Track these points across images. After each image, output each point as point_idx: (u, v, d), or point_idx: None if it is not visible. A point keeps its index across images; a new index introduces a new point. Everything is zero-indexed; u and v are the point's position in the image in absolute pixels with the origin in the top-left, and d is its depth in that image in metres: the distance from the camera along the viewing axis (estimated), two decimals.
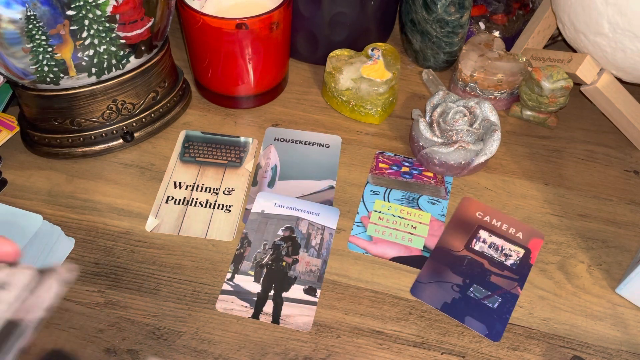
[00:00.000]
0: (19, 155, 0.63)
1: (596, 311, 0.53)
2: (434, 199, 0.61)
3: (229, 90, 0.67)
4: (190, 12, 0.60)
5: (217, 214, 0.58)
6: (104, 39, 0.54)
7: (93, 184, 0.60)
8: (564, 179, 0.64)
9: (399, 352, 0.49)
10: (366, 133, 0.68)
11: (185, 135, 0.66)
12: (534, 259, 0.57)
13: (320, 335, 0.50)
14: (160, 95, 0.64)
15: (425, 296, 0.53)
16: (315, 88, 0.73)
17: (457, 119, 0.61)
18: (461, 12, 0.68)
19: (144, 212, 0.58)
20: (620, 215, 0.61)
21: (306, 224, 0.58)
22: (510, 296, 0.53)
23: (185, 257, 0.55)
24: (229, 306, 0.51)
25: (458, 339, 0.51)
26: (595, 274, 0.56)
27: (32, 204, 0.58)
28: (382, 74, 0.66)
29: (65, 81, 0.56)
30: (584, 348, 0.51)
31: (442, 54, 0.73)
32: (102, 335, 0.49)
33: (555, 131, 0.70)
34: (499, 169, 0.65)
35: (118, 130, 0.62)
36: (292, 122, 0.68)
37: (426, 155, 0.62)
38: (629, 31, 0.58)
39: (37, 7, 0.49)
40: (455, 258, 0.56)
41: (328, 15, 0.70)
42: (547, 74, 0.64)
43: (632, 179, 0.65)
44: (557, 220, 0.60)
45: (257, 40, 0.62)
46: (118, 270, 0.54)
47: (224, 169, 0.63)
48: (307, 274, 0.54)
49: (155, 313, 0.51)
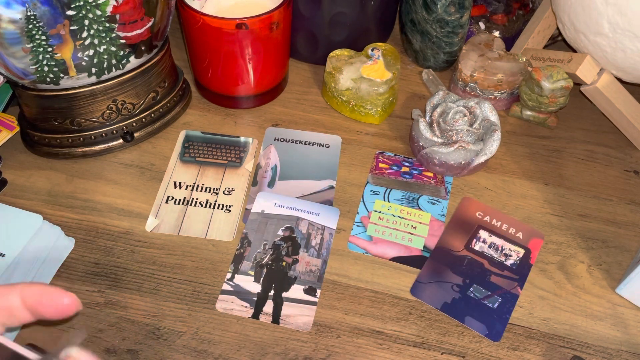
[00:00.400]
0: (19, 155, 0.63)
1: (596, 311, 0.53)
2: (434, 199, 0.61)
3: (229, 90, 0.67)
4: (190, 12, 0.60)
5: (217, 214, 0.58)
6: (104, 39, 0.54)
7: (93, 184, 0.60)
8: (564, 179, 0.64)
9: (399, 352, 0.49)
10: (366, 133, 0.68)
11: (185, 135, 0.66)
12: (534, 259, 0.57)
13: (320, 335, 0.50)
14: (160, 95, 0.64)
15: (425, 296, 0.53)
16: (315, 88, 0.73)
17: (457, 119, 0.61)
18: (461, 12, 0.68)
19: (144, 212, 0.58)
20: (620, 215, 0.61)
21: (306, 224, 0.58)
22: (510, 296, 0.53)
23: (185, 257, 0.55)
24: (229, 306, 0.51)
25: (458, 339, 0.51)
26: (595, 274, 0.56)
27: (32, 204, 0.58)
28: (382, 74, 0.66)
29: (65, 81, 0.56)
30: (584, 348, 0.51)
31: (442, 54, 0.73)
32: (102, 335, 0.49)
33: (555, 131, 0.70)
34: (499, 169, 0.65)
35: (118, 130, 0.62)
36: (292, 122, 0.68)
37: (426, 155, 0.62)
38: (629, 31, 0.58)
39: (37, 7, 0.49)
40: (455, 258, 0.56)
41: (328, 15, 0.70)
42: (547, 74, 0.64)
43: (632, 179, 0.65)
44: (557, 220, 0.60)
45: (257, 40, 0.62)
46: (118, 270, 0.54)
47: (224, 169, 0.63)
48: (307, 274, 0.54)
49: (155, 313, 0.51)
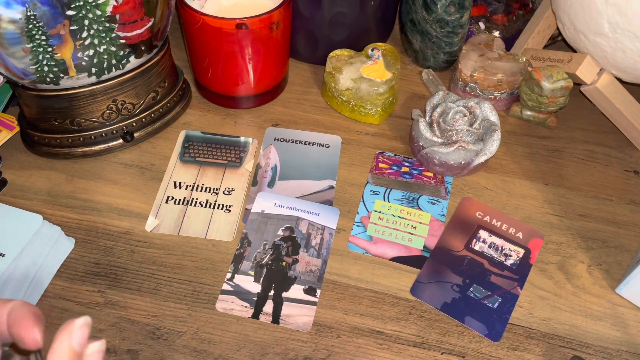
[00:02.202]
0: (19, 155, 0.63)
1: (596, 311, 0.53)
2: (434, 199, 0.61)
3: (229, 90, 0.67)
4: (190, 12, 0.60)
5: (217, 214, 0.58)
6: (104, 39, 0.54)
7: (93, 184, 0.60)
8: (564, 179, 0.64)
9: (399, 352, 0.49)
10: (366, 133, 0.68)
11: (185, 135, 0.66)
12: (534, 259, 0.57)
13: (320, 335, 0.50)
14: (160, 95, 0.64)
15: (425, 296, 0.53)
16: (315, 88, 0.73)
17: (457, 119, 0.61)
18: (461, 12, 0.68)
19: (144, 212, 0.58)
20: (620, 215, 0.61)
21: (306, 224, 0.58)
22: (510, 296, 0.53)
23: (185, 257, 0.55)
24: (229, 306, 0.51)
25: (458, 339, 0.51)
26: (595, 274, 0.56)
27: (32, 204, 0.58)
28: (382, 74, 0.66)
29: (65, 81, 0.56)
30: (584, 348, 0.51)
31: (442, 54, 0.73)
32: (102, 335, 0.49)
33: (555, 131, 0.70)
34: (499, 169, 0.65)
35: (118, 130, 0.62)
36: (292, 122, 0.68)
37: (426, 155, 0.62)
38: (629, 31, 0.58)
39: (37, 7, 0.49)
40: (455, 258, 0.56)
41: (328, 15, 0.70)
42: (547, 74, 0.64)
43: (632, 179, 0.65)
44: (557, 220, 0.60)
45: (257, 40, 0.62)
46: (118, 270, 0.54)
47: (224, 169, 0.63)
48: (307, 274, 0.54)
49: (155, 313, 0.51)
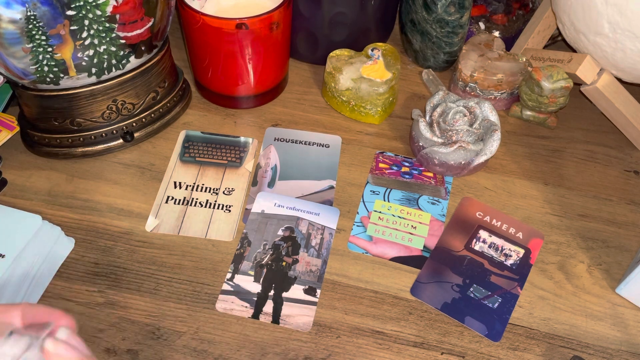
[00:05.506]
0: (19, 155, 0.63)
1: (596, 311, 0.53)
2: (434, 199, 0.61)
3: (229, 90, 0.67)
4: (190, 12, 0.60)
5: (217, 214, 0.58)
6: (104, 39, 0.54)
7: (93, 184, 0.60)
8: (564, 179, 0.64)
9: (399, 352, 0.49)
10: (366, 133, 0.68)
11: (185, 135, 0.66)
12: (534, 259, 0.57)
13: (320, 335, 0.50)
14: (160, 95, 0.64)
15: (425, 296, 0.53)
16: (315, 88, 0.73)
17: (457, 119, 0.61)
18: (461, 12, 0.68)
19: (144, 212, 0.58)
20: (620, 215, 0.61)
21: (306, 224, 0.58)
22: (510, 296, 0.53)
23: (185, 257, 0.55)
24: (229, 306, 0.51)
25: (458, 339, 0.51)
26: (595, 274, 0.56)
27: (32, 204, 0.58)
28: (382, 74, 0.66)
29: (65, 81, 0.56)
30: (584, 348, 0.51)
31: (442, 54, 0.73)
32: (102, 335, 0.49)
33: (555, 131, 0.70)
34: (499, 169, 0.65)
35: (118, 130, 0.62)
36: (292, 122, 0.68)
37: (426, 155, 0.62)
38: (629, 31, 0.58)
39: (37, 7, 0.49)
40: (455, 258, 0.56)
41: (328, 15, 0.70)
42: (547, 74, 0.64)
43: (632, 179, 0.65)
44: (557, 220, 0.60)
45: (257, 40, 0.62)
46: (118, 270, 0.54)
47: (224, 169, 0.63)
48: (307, 274, 0.54)
49: (155, 313, 0.51)
